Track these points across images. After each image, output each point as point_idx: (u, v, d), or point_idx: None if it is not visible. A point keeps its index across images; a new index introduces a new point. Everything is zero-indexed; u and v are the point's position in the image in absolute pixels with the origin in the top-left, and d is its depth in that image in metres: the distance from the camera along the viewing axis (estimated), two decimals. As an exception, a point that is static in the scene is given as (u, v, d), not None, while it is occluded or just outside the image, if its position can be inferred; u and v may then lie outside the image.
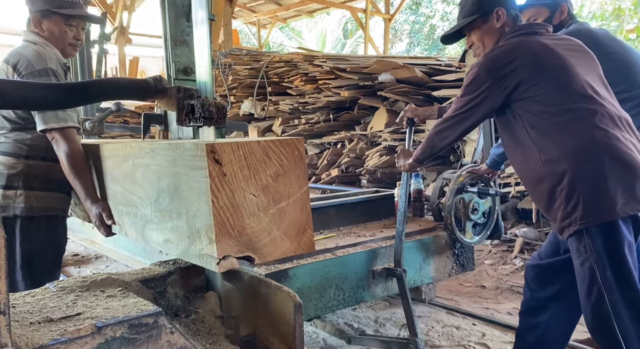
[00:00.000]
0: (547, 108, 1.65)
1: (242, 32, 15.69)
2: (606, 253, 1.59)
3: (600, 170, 1.57)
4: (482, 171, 2.46)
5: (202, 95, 1.40)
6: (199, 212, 1.30)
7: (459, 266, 2.58)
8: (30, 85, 1.40)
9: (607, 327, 1.62)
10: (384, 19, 11.67)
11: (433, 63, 5.26)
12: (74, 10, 1.98)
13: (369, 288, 2.21)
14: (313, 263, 2.00)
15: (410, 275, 2.34)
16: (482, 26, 1.86)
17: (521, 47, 1.72)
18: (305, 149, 1.40)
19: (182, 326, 1.36)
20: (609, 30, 3.44)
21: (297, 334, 1.32)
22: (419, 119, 2.42)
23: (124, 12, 10.21)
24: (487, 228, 2.57)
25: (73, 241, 4.45)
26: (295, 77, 5.94)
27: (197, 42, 1.43)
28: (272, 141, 1.34)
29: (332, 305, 2.08)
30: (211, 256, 1.27)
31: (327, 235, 2.46)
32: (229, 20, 8.88)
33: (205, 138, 1.36)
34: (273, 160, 1.34)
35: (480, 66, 1.74)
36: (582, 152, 1.60)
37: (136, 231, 1.67)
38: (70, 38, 2.02)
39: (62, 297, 1.28)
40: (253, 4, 12.13)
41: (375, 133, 5.16)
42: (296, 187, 1.38)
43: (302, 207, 1.39)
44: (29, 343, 0.98)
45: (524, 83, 1.67)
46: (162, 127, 1.72)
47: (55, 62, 1.92)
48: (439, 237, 2.50)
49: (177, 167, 1.37)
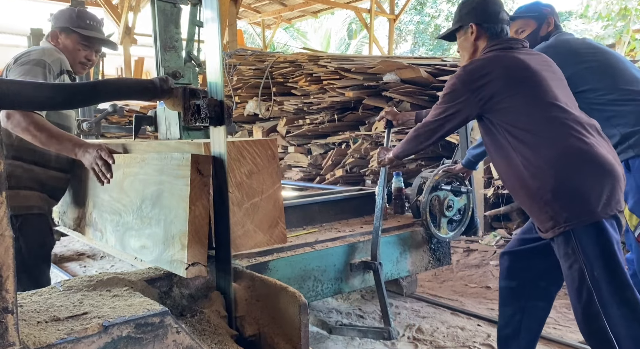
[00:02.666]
0: (524, 118, 1.74)
1: (246, 32, 15.72)
2: (595, 253, 1.64)
3: (580, 173, 1.65)
4: (456, 170, 2.58)
5: (213, 95, 1.41)
6: (176, 218, 1.36)
7: (435, 260, 2.73)
8: (37, 86, 1.40)
9: (598, 327, 1.65)
10: (389, 19, 11.66)
11: (438, 64, 5.24)
12: (91, 32, 2.11)
13: (347, 280, 2.34)
14: (293, 256, 2.12)
15: (388, 268, 2.48)
16: (461, 37, 2.00)
17: (495, 61, 1.83)
18: (277, 149, 1.50)
19: (188, 325, 1.36)
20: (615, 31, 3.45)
21: (302, 334, 1.33)
22: (396, 122, 2.58)
23: (130, 13, 10.24)
24: (462, 224, 2.71)
25: (78, 241, 4.47)
26: (299, 78, 5.94)
27: (207, 42, 1.45)
28: (246, 141, 1.42)
29: (311, 295, 2.20)
30: (181, 262, 1.33)
31: (309, 230, 2.56)
32: (234, 20, 8.91)
33: (215, 139, 1.38)
34: (247, 159, 1.43)
35: (458, 77, 1.85)
36: (561, 157, 1.68)
37: (116, 238, 1.73)
38: (82, 57, 2.12)
39: (69, 296, 1.29)
40: (258, 4, 12.15)
41: (379, 134, 5.15)
42: (269, 184, 1.47)
43: (275, 202, 1.49)
44: (37, 341, 0.99)
45: (498, 95, 1.77)
46: (152, 128, 1.76)
47: (56, 62, 1.95)
48: (416, 233, 2.63)
49: (163, 176, 1.43)
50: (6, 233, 0.93)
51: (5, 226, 0.92)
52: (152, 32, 1.63)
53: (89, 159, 1.72)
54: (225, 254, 1.44)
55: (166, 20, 1.62)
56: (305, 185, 4.40)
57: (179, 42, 1.61)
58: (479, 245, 4.25)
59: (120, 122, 6.75)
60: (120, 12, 10.16)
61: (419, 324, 2.70)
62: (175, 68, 1.64)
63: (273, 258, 2.07)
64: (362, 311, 2.95)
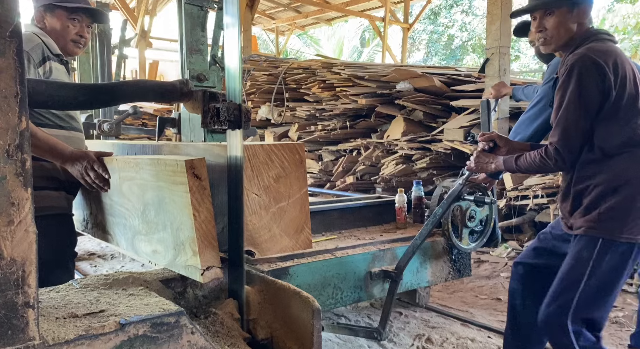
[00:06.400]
0: (622, 121, 1.65)
1: (260, 38, 15.83)
2: (606, 269, 1.63)
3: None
4: (479, 180, 2.52)
5: (232, 98, 1.42)
6: (182, 225, 1.36)
7: (456, 271, 2.67)
8: (61, 86, 1.43)
9: (560, 322, 1.67)
10: (403, 28, 11.69)
11: (452, 73, 5.24)
12: (76, 3, 1.94)
13: (366, 289, 2.31)
14: (313, 262, 2.09)
15: (407, 277, 2.44)
16: (565, 14, 1.75)
17: (619, 53, 1.68)
18: (305, 154, 1.49)
19: (202, 326, 1.37)
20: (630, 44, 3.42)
21: (315, 339, 1.33)
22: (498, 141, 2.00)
23: (146, 17, 10.39)
24: (483, 235, 2.65)
25: (90, 240, 4.51)
26: (313, 84, 5.97)
27: (227, 46, 1.46)
28: (274, 145, 1.41)
29: (330, 303, 2.18)
30: (195, 267, 1.34)
31: (329, 237, 2.54)
32: (249, 26, 8.99)
33: (232, 142, 1.39)
34: (275, 162, 1.43)
35: (582, 59, 1.64)
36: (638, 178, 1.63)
37: (126, 241, 1.73)
38: (72, 34, 1.97)
39: (86, 294, 1.30)
40: (272, 11, 12.26)
41: (391, 142, 5.15)
42: (296, 188, 1.47)
43: (301, 207, 1.48)
44: (55, 337, 1.00)
45: (614, 89, 1.64)
46: (175, 130, 1.77)
47: (36, 48, 1.83)
48: (436, 243, 2.58)
49: (160, 181, 1.43)
50: (30, 229, 0.94)
51: (30, 222, 0.94)
52: (177, 35, 1.65)
53: (78, 170, 1.64)
54: (238, 257, 1.44)
55: (193, 23, 1.64)
56: (321, 191, 4.40)
57: (205, 45, 1.62)
58: (489, 256, 4.21)
59: (133, 124, 6.82)
60: (137, 15, 10.30)
61: (429, 335, 2.67)
62: (200, 71, 1.66)
63: (293, 263, 2.04)
64: (370, 319, 2.93)
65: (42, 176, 1.79)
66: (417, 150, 4.93)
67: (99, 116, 3.25)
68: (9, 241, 0.91)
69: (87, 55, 3.71)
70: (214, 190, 1.42)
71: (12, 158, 0.90)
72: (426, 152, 4.88)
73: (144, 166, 1.50)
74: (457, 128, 4.54)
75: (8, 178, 0.90)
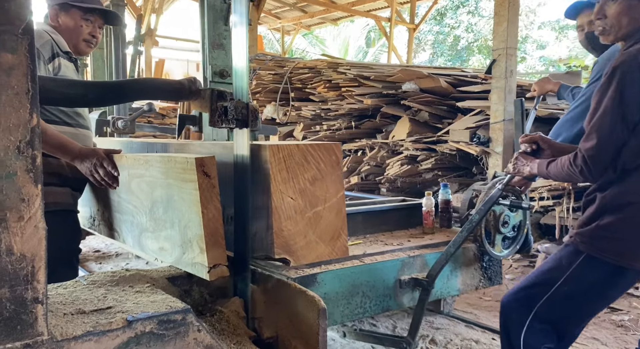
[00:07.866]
0: None
1: (265, 37, 15.85)
2: (586, 283, 1.55)
3: None
4: (514, 182, 2.27)
5: (239, 97, 1.42)
6: (190, 222, 1.34)
7: (487, 279, 2.53)
8: (71, 84, 1.44)
9: (519, 315, 1.62)
10: (409, 28, 11.67)
11: (458, 74, 5.23)
12: (91, 4, 1.96)
13: (395, 297, 2.18)
14: (341, 269, 1.98)
15: (437, 286, 2.29)
16: (632, 1, 1.54)
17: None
18: (342, 154, 1.41)
19: (208, 324, 1.37)
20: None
21: (320, 338, 1.32)
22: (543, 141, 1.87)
23: (152, 15, 10.42)
24: (516, 242, 2.49)
25: (94, 237, 4.52)
26: (318, 84, 5.97)
27: (235, 45, 1.46)
28: (311, 145, 1.35)
29: (359, 312, 2.06)
30: (202, 265, 1.32)
31: (354, 241, 2.43)
32: (255, 25, 9.00)
33: (238, 141, 1.39)
34: (311, 164, 1.36)
35: (630, 61, 1.46)
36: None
37: (133, 238, 1.71)
38: (85, 33, 1.99)
39: (93, 290, 1.31)
40: (278, 10, 12.26)
41: (396, 142, 5.15)
42: (332, 192, 1.39)
43: (338, 212, 1.41)
44: (64, 333, 1.01)
45: None
46: (196, 128, 1.74)
47: (45, 45, 1.84)
48: (467, 249, 2.43)
49: (170, 179, 1.41)
50: (40, 225, 0.95)
51: (40, 218, 0.95)
52: (199, 30, 1.61)
53: (87, 167, 1.64)
54: (244, 256, 1.45)
55: (215, 17, 1.59)
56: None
57: (227, 40, 1.57)
58: (494, 258, 4.20)
59: (139, 121, 6.83)
60: (144, 14, 10.33)
61: (433, 336, 2.67)
62: (222, 67, 1.60)
63: (321, 270, 1.93)
64: (374, 319, 2.93)
65: (47, 172, 1.78)
66: (422, 151, 4.93)
67: (113, 113, 3.22)
68: (19, 237, 0.91)
69: (101, 52, 3.68)
70: (226, 187, 1.39)
71: (23, 154, 0.91)
72: (431, 153, 4.87)
73: (153, 163, 1.48)
74: (463, 129, 4.53)
75: (19, 174, 0.91)
